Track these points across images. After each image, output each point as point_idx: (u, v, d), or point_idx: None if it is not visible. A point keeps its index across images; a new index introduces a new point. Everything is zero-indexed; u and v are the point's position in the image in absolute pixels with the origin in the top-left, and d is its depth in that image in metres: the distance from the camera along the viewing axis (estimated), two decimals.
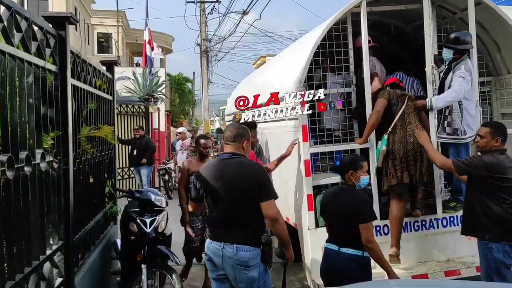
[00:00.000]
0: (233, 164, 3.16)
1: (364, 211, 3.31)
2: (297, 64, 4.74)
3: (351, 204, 3.34)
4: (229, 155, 3.22)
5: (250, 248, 3.04)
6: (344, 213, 3.35)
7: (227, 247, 3.06)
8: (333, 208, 3.47)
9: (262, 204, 3.04)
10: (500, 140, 3.59)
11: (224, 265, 3.08)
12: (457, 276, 4.37)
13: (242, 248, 3.03)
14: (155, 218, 4.20)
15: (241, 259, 3.03)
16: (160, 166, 12.53)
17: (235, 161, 3.18)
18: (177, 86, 34.78)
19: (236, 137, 3.23)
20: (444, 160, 3.92)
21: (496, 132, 3.60)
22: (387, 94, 4.57)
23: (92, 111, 3.88)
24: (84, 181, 3.60)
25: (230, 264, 3.06)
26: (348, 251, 3.30)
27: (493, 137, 3.59)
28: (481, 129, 3.72)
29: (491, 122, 3.91)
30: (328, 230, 3.53)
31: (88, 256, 3.69)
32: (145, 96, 11.45)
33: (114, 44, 25.60)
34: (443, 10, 5.14)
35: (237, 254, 3.03)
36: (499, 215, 3.50)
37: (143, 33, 13.31)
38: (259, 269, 3.06)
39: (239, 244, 3.04)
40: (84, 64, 3.63)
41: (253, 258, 3.04)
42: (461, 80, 4.42)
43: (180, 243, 4.97)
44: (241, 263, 3.03)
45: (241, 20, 17.53)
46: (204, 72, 21.34)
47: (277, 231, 3.11)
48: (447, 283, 3.75)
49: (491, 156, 3.55)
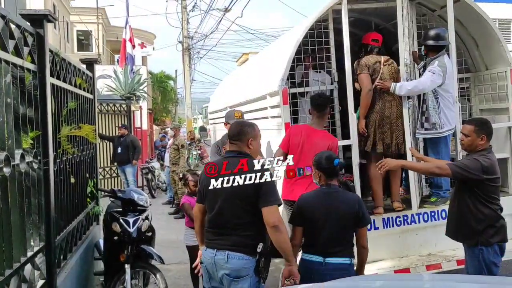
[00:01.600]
0: (234, 163, 2.94)
1: (365, 214, 3.14)
2: (280, 62, 4.76)
3: (349, 207, 3.13)
4: (233, 154, 3.04)
5: (243, 256, 2.82)
6: (340, 217, 3.11)
7: (219, 254, 2.87)
8: (324, 211, 3.15)
9: (263, 210, 2.81)
10: (485, 138, 3.48)
11: (217, 274, 2.90)
12: (438, 270, 4.44)
13: (234, 256, 2.83)
14: (138, 217, 4.17)
15: (232, 268, 2.82)
16: (143, 165, 12.45)
17: (237, 160, 2.96)
18: (159, 84, 34.53)
19: (240, 135, 3.03)
20: (440, 167, 3.55)
21: (481, 130, 3.49)
22: (366, 67, 4.72)
23: (72, 110, 3.82)
24: (65, 181, 3.55)
25: (221, 273, 2.87)
26: (336, 260, 3.07)
27: (478, 135, 3.48)
28: (465, 127, 3.60)
29: (476, 119, 3.82)
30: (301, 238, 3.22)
31: (70, 257, 3.65)
32: (127, 95, 11.33)
33: (94, 41, 25.24)
34: (422, 7, 5.22)
35: (228, 261, 2.83)
36: (490, 217, 3.45)
37: (124, 31, 13.17)
38: (250, 280, 2.83)
39: (231, 251, 2.84)
40: (63, 62, 3.57)
41: (245, 267, 2.82)
42: (429, 74, 4.52)
43: (164, 242, 4.95)
44: (231, 272, 2.83)
45: (223, 17, 17.46)
46: (187, 70, 21.21)
47: (277, 241, 2.83)
48: (429, 276, 3.81)
49: (485, 158, 3.42)
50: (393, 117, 4.69)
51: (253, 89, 5.73)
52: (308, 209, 3.20)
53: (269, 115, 4.96)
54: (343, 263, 3.08)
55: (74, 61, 4.00)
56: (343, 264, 3.08)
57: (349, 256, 3.12)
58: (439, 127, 4.64)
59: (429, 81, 4.51)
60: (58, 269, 3.19)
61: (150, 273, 4.16)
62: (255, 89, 5.57)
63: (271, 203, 2.82)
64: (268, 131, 4.98)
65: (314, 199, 3.24)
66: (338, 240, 3.11)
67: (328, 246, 3.10)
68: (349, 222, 3.12)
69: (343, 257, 3.09)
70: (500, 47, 4.94)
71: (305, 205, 3.24)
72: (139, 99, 12.68)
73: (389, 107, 4.71)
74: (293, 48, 4.53)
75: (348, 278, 3.16)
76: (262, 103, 5.14)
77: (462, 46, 5.30)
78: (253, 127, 3.10)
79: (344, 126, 4.99)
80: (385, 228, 4.58)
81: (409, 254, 4.67)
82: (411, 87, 4.53)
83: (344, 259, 3.09)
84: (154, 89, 31.65)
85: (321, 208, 3.16)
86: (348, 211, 3.13)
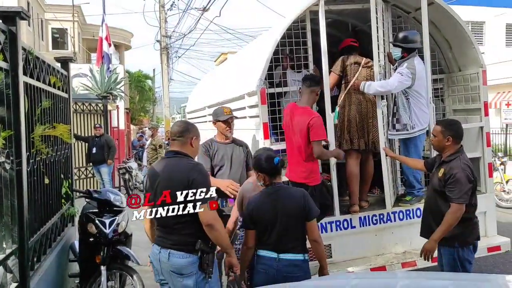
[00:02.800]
0: (170, 164, 3.01)
1: (312, 207, 3.14)
2: (258, 62, 4.76)
3: (296, 202, 3.12)
4: (171, 154, 3.07)
5: (184, 254, 2.87)
6: (288, 213, 3.09)
7: (162, 252, 2.92)
8: (275, 211, 3.11)
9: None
10: (451, 139, 3.54)
11: (162, 271, 2.96)
12: (413, 267, 4.52)
13: (175, 254, 2.88)
14: (114, 218, 4.13)
15: (174, 266, 2.88)
16: (120, 165, 12.30)
17: (173, 161, 3.02)
18: (137, 83, 34.16)
19: (183, 132, 3.05)
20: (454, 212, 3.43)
21: (447, 131, 3.55)
22: (339, 66, 4.82)
23: (46, 109, 3.76)
24: (38, 182, 3.48)
25: (166, 270, 2.93)
26: (289, 256, 3.08)
27: (444, 136, 3.55)
28: (434, 127, 3.69)
29: (444, 120, 3.89)
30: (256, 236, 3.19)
31: (44, 260, 3.58)
32: (103, 94, 11.17)
33: (69, 40, 24.78)
34: (397, 9, 5.30)
35: (170, 260, 2.88)
36: (467, 218, 3.51)
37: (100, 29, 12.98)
38: (195, 277, 2.87)
39: (173, 250, 2.89)
40: (37, 60, 3.50)
41: (187, 265, 2.86)
42: (397, 76, 4.63)
43: (141, 243, 4.89)
44: (175, 270, 2.88)
45: (201, 16, 17.38)
46: (165, 69, 21.05)
47: (215, 239, 2.89)
48: (404, 274, 3.87)
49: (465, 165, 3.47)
50: (369, 116, 4.83)
51: (231, 89, 5.72)
52: (257, 212, 3.17)
53: (248, 115, 4.97)
54: (297, 259, 3.08)
55: (48, 60, 3.93)
56: (297, 260, 3.08)
57: (302, 252, 3.12)
58: (410, 127, 4.73)
59: (396, 82, 4.60)
60: (31, 271, 3.14)
61: (126, 274, 4.12)
62: (234, 89, 5.56)
63: (205, 201, 2.84)
64: (247, 131, 4.99)
65: (261, 201, 3.20)
66: (290, 237, 3.10)
67: (280, 243, 3.10)
68: (297, 217, 3.10)
69: (297, 253, 3.09)
70: (473, 49, 5.06)
71: (253, 209, 3.19)
72: (116, 99, 12.53)
73: (365, 106, 4.84)
74: (271, 48, 4.55)
75: (327, 277, 3.20)
76: (241, 103, 5.14)
77: (436, 48, 5.41)
78: (196, 127, 3.17)
79: None
80: (361, 226, 4.65)
81: (385, 252, 4.74)
82: (379, 87, 4.61)
83: (297, 255, 3.09)
84: (132, 88, 31.30)
85: (269, 209, 3.14)
86: (294, 206, 3.11)
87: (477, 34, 20.38)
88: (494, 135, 12.93)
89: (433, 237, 3.55)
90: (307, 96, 4.20)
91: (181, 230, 2.90)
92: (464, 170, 3.46)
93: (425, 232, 3.77)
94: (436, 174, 3.65)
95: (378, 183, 5.30)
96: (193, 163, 3.06)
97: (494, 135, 12.62)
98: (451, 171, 3.48)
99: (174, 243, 2.91)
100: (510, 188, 9.48)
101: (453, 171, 3.47)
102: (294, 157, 4.16)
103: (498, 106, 15.48)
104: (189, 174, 2.88)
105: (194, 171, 2.92)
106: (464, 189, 3.43)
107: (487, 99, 5.10)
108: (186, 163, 2.99)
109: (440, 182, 3.55)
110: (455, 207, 3.44)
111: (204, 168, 3.11)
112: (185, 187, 2.83)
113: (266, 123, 4.52)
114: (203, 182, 2.89)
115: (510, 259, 5.92)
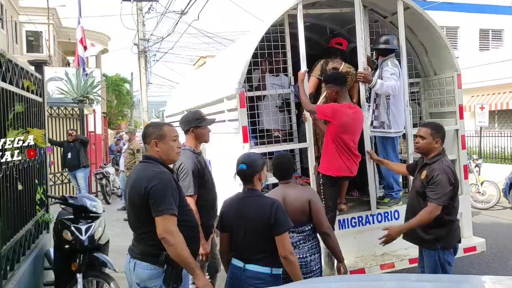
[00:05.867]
0: (138, 169, 2.84)
1: (280, 221, 2.87)
2: (237, 65, 4.76)
3: (261, 213, 2.90)
4: (144, 158, 2.90)
5: (148, 265, 2.70)
6: (252, 223, 2.91)
7: (130, 262, 2.78)
8: (239, 218, 2.98)
9: (155, 220, 2.63)
10: (439, 141, 3.60)
11: (132, 282, 2.79)
12: (392, 269, 4.57)
13: (140, 265, 2.73)
14: (91, 224, 4.04)
15: (139, 277, 2.73)
16: (97, 170, 12.09)
17: (140, 166, 2.85)
18: (114, 87, 33.75)
19: (144, 138, 2.88)
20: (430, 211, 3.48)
21: (437, 133, 3.60)
22: (318, 71, 4.87)
23: (19, 114, 3.66)
24: (11, 188, 3.39)
25: (132, 281, 2.77)
26: (254, 268, 2.91)
27: (434, 138, 3.59)
28: (421, 129, 3.68)
29: (432, 123, 3.93)
30: (229, 243, 3.09)
31: (18, 268, 3.49)
32: (80, 98, 10.98)
33: (44, 43, 24.31)
34: (375, 14, 5.37)
35: (135, 270, 2.73)
36: (450, 222, 3.56)
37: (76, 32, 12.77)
38: None
39: (138, 260, 2.74)
40: (9, 64, 3.42)
41: (151, 278, 2.70)
42: (394, 80, 4.66)
43: (119, 249, 4.80)
44: (139, 282, 2.72)
45: (180, 20, 17.28)
46: (143, 73, 20.83)
47: (171, 253, 2.63)
48: (382, 277, 3.90)
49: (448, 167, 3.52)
50: None
51: (210, 92, 5.70)
52: (226, 215, 3.08)
53: (227, 118, 4.95)
54: (262, 272, 2.89)
55: (21, 63, 3.84)
56: (261, 274, 2.89)
57: (270, 265, 2.91)
58: (387, 126, 4.80)
59: (396, 85, 4.65)
60: (4, 280, 3.08)
61: (104, 282, 4.03)
62: (213, 92, 5.54)
63: (160, 213, 2.61)
64: (226, 135, 4.96)
65: (229, 205, 3.10)
66: (256, 248, 2.93)
67: (247, 253, 2.95)
68: (263, 229, 2.88)
69: (263, 265, 2.90)
70: (448, 54, 5.15)
71: (223, 211, 3.11)
72: (93, 103, 12.32)
73: None
74: (251, 51, 4.54)
75: (307, 281, 3.18)
76: (220, 106, 5.12)
77: (412, 52, 5.50)
78: (159, 127, 2.88)
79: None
80: (340, 229, 4.66)
81: (364, 255, 4.77)
82: (389, 89, 4.63)
83: (263, 268, 2.90)
84: (109, 92, 30.90)
85: (234, 214, 3.02)
86: (258, 218, 2.90)
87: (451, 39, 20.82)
88: (469, 137, 13.20)
89: (402, 227, 3.66)
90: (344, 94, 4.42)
91: (147, 241, 2.73)
92: (446, 172, 3.50)
93: (407, 234, 3.80)
94: (418, 177, 3.69)
95: (357, 185, 5.34)
96: (157, 170, 2.76)
97: (469, 138, 12.90)
98: (433, 172, 3.53)
99: (139, 253, 2.76)
100: (484, 190, 9.69)
101: (435, 172, 3.52)
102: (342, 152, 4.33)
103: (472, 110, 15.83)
104: (148, 183, 2.65)
105: (154, 179, 2.67)
106: (445, 191, 3.47)
107: (462, 102, 5.20)
108: (151, 170, 2.75)
109: (423, 184, 3.59)
110: (432, 207, 3.48)
111: (167, 177, 2.76)
112: (141, 196, 2.65)
113: (246, 126, 4.51)
114: (161, 192, 2.64)
115: (486, 259, 6.04)
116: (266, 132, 4.87)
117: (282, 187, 3.44)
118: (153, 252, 2.70)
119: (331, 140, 4.35)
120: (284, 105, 5.00)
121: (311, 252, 3.39)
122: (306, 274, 3.30)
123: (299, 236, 3.36)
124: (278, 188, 3.48)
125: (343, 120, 4.26)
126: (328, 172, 4.38)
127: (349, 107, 4.36)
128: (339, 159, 4.33)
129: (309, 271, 3.33)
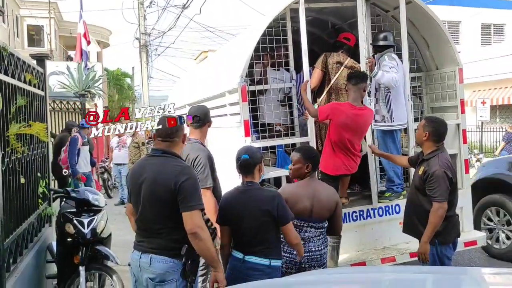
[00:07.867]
0: (155, 163, 2.81)
1: (283, 212, 2.99)
2: (239, 59, 4.75)
3: (264, 205, 2.98)
4: (158, 152, 2.86)
5: (167, 259, 2.71)
6: (255, 215, 2.97)
7: (143, 257, 2.76)
8: (239, 211, 3.02)
9: (183, 215, 2.66)
10: (427, 135, 3.62)
11: (142, 278, 2.78)
12: (392, 263, 4.59)
13: (157, 259, 2.72)
14: (93, 218, 4.06)
15: (156, 272, 2.71)
16: (99, 165, 12.12)
17: (159, 160, 2.82)
18: (116, 81, 33.65)
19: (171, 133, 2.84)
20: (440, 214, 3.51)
21: (427, 126, 3.65)
22: (322, 63, 4.85)
23: (22, 107, 3.67)
24: (14, 181, 3.41)
25: (145, 276, 2.76)
26: (254, 259, 2.96)
27: (423, 130, 3.66)
28: (420, 122, 3.82)
29: (431, 117, 3.96)
30: (230, 235, 3.12)
31: (21, 261, 3.51)
32: (81, 92, 10.98)
33: (46, 37, 24.28)
34: (376, 8, 5.35)
35: (152, 265, 2.71)
36: (449, 218, 3.58)
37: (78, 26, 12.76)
38: (176, 284, 2.72)
39: (155, 255, 2.73)
40: (11, 57, 3.42)
41: (170, 271, 2.71)
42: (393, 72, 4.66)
43: (121, 243, 4.84)
44: (156, 276, 2.71)
45: (181, 14, 17.24)
46: (144, 67, 20.82)
47: (198, 248, 2.69)
48: (384, 268, 3.93)
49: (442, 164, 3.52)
50: None
51: (212, 87, 5.70)
52: (227, 208, 3.11)
53: (228, 112, 4.95)
54: (260, 264, 2.96)
55: (23, 57, 3.84)
56: (260, 265, 2.95)
57: (269, 257, 2.98)
58: (388, 120, 4.80)
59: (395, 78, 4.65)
60: (7, 273, 3.08)
61: (106, 275, 4.06)
62: (214, 87, 5.54)
63: (190, 209, 2.66)
64: (227, 129, 4.97)
65: (231, 198, 3.13)
66: (258, 239, 2.98)
67: (248, 244, 3.00)
68: (265, 221, 2.97)
69: (262, 257, 2.97)
70: (449, 48, 5.14)
71: (224, 204, 3.15)
72: (94, 97, 12.32)
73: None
74: (252, 46, 4.54)
75: (307, 272, 3.21)
76: (221, 100, 5.12)
77: (414, 46, 5.49)
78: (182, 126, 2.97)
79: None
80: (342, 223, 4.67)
81: (365, 248, 4.79)
82: (390, 80, 4.63)
83: (262, 259, 2.96)
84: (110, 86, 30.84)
85: (236, 207, 3.06)
86: (261, 210, 2.98)
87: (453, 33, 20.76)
88: (470, 132, 13.19)
89: (423, 240, 3.60)
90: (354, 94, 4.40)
91: (165, 235, 2.74)
92: (441, 168, 3.51)
93: (407, 229, 3.82)
94: (417, 172, 3.71)
95: (358, 180, 5.35)
96: (182, 165, 2.83)
97: (470, 133, 12.89)
98: (429, 169, 3.55)
99: (156, 248, 2.74)
100: None
101: (431, 169, 3.54)
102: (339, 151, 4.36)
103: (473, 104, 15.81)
104: (177, 178, 2.68)
105: (183, 174, 2.70)
106: (442, 187, 3.49)
107: (463, 97, 5.20)
108: (174, 164, 2.78)
109: (420, 179, 3.62)
110: (436, 206, 3.51)
111: (194, 172, 2.89)
112: (170, 192, 2.67)
113: (247, 120, 4.51)
114: (192, 188, 2.70)
115: (486, 254, 6.05)
116: (267, 126, 4.88)
117: (310, 182, 3.47)
118: (171, 245, 2.73)
119: (330, 138, 4.38)
120: (285, 99, 5.01)
121: (324, 245, 3.50)
122: (320, 266, 3.43)
123: (317, 231, 3.44)
124: (306, 182, 3.46)
125: (341, 119, 4.27)
126: (326, 170, 4.41)
127: (350, 107, 4.35)
128: (338, 158, 4.36)
129: (321, 263, 3.45)
